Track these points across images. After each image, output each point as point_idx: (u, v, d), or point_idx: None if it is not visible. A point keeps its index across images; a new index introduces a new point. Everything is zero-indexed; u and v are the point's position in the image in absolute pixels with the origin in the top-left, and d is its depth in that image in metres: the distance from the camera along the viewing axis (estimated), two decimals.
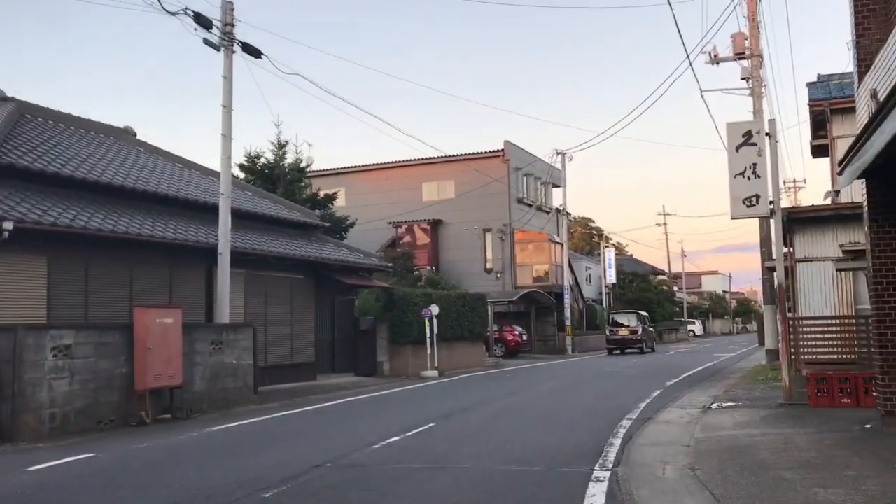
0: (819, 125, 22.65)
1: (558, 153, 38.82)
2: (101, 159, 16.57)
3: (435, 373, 21.97)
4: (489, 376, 22.72)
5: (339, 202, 43.20)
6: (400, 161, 42.76)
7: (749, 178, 12.54)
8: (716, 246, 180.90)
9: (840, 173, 9.73)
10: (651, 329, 41.71)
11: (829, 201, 18.94)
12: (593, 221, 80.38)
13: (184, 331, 13.57)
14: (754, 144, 12.57)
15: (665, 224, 72.26)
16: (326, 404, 15.15)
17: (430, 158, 40.99)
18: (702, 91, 29.18)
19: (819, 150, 23.47)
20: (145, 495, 7.00)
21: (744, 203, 12.53)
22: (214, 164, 17.46)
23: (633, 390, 16.92)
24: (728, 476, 7.28)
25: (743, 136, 12.63)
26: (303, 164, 27.13)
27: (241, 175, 26.40)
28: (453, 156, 40.41)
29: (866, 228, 9.75)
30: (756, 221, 26.17)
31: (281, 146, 26.79)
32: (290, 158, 27.00)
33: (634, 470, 7.97)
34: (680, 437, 10.17)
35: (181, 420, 12.80)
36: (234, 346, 14.82)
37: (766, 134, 12.61)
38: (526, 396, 16.24)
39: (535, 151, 44.76)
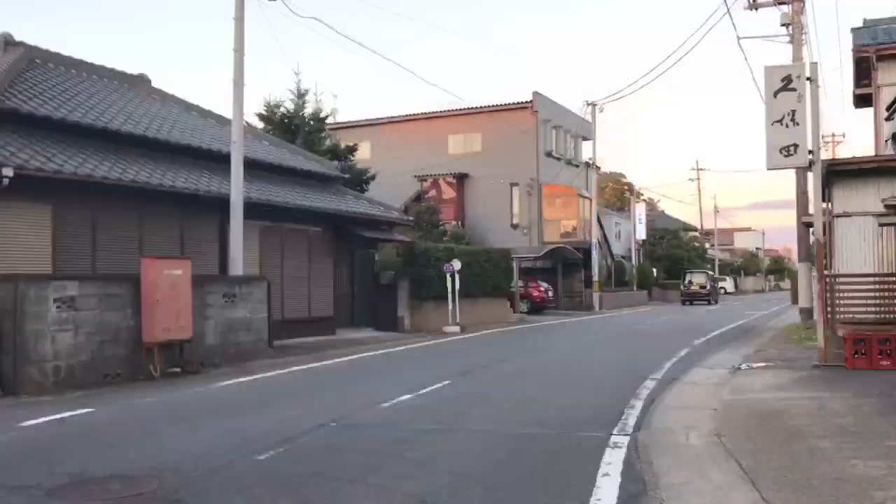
0: (863, 73, 21.51)
1: (589, 104, 37.68)
2: (112, 106, 16.12)
3: (457, 328, 21.55)
4: (512, 332, 22.26)
5: (364, 155, 42.62)
6: (425, 113, 41.94)
7: (787, 126, 11.73)
8: (750, 202, 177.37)
9: (889, 118, 8.94)
10: (716, 285, 48.82)
11: (889, 149, 17.92)
12: (625, 177, 78.82)
13: (194, 283, 13.19)
14: (794, 90, 11.72)
15: (698, 179, 70.64)
16: (342, 360, 14.79)
17: (457, 110, 40.12)
18: (739, 38, 27.81)
19: (862, 100, 22.34)
20: (129, 457, 6.61)
21: (781, 152, 11.74)
22: (221, 111, 16.99)
23: (660, 349, 16.34)
24: (757, 444, 6.74)
25: (782, 80, 11.78)
26: (323, 115, 26.51)
27: (260, 125, 25.82)
28: (480, 107, 39.50)
29: None
30: (792, 175, 25.13)
31: (300, 95, 26.14)
32: (310, 108, 26.40)
33: (656, 435, 7.45)
34: (706, 399, 9.62)
35: (191, 374, 12.49)
36: (248, 299, 14.45)
37: (807, 78, 11.75)
38: (547, 354, 15.76)
39: (566, 103, 43.63)
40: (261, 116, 25.96)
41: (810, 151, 11.74)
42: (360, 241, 19.58)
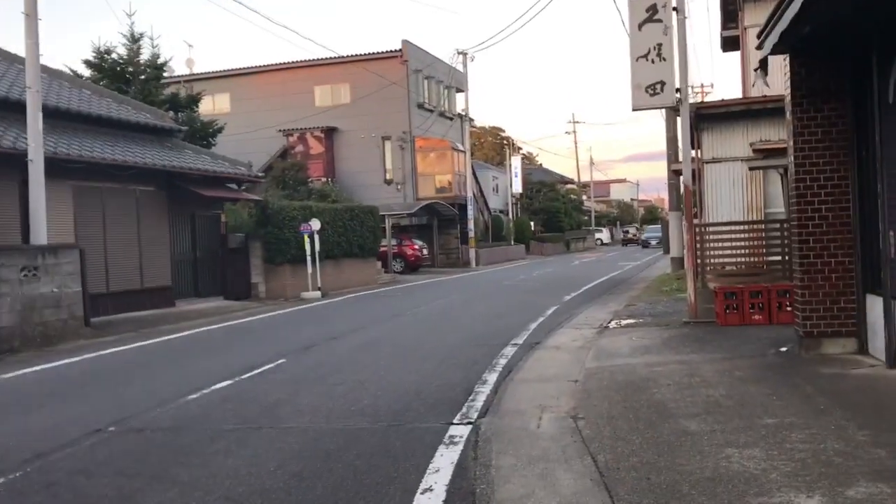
0: (730, 16, 21.05)
1: (459, 53, 36.34)
2: None
3: (317, 294, 19.95)
4: (379, 295, 20.88)
5: (224, 108, 39.93)
6: (290, 62, 39.60)
7: (653, 62, 10.70)
8: (625, 155, 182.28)
9: (760, 46, 7.93)
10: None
11: (757, 88, 17.39)
12: (504, 131, 78.32)
13: None
14: (660, 21, 10.69)
15: (574, 133, 71.21)
16: (172, 336, 12.99)
17: (323, 59, 38.02)
18: None
19: (729, 44, 21.96)
20: None
21: (646, 91, 10.73)
22: (45, 58, 14.39)
23: (528, 307, 15.37)
24: (618, 429, 5.61)
25: (647, 10, 10.72)
26: (161, 61, 23.87)
27: (87, 73, 22.99)
28: (348, 56, 37.45)
29: (788, 115, 8.06)
30: (663, 122, 24.77)
31: (135, 40, 23.31)
32: (146, 54, 23.70)
33: (503, 421, 6.23)
34: (568, 368, 8.53)
35: None
36: (55, 271, 12.37)
37: (674, 9, 10.73)
38: (407, 319, 14.46)
39: (438, 54, 42.15)
40: (88, 63, 23.06)
41: (678, 89, 10.76)
42: (201, 200, 17.53)
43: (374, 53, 38.06)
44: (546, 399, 6.96)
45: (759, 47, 7.96)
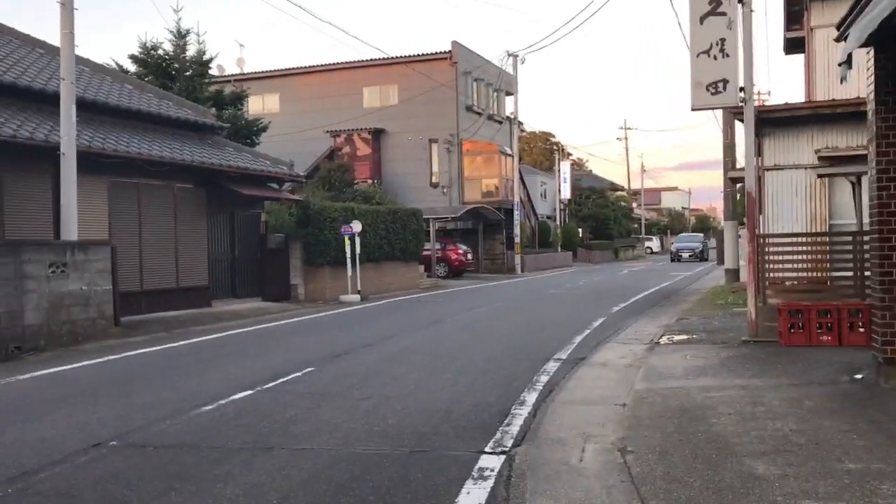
0: (794, 17, 19.97)
1: (510, 55, 35.62)
2: None
3: (356, 297, 19.43)
4: (419, 300, 20.28)
5: (273, 108, 39.85)
6: (339, 63, 39.27)
7: (715, 58, 9.87)
8: (677, 163, 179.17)
9: (841, 37, 7.11)
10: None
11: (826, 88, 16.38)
12: (553, 136, 77.20)
13: (6, 251, 10.83)
14: (723, 14, 9.85)
15: (626, 139, 69.87)
16: (203, 338, 12.56)
17: (372, 60, 37.62)
18: None
19: (793, 46, 20.86)
20: None
21: (708, 90, 9.89)
22: (88, 53, 14.15)
23: (574, 318, 14.61)
24: (673, 468, 4.89)
25: (710, 3, 9.89)
26: (206, 57, 23.62)
27: (133, 68, 22.87)
28: (397, 57, 36.93)
29: (870, 116, 7.20)
30: (718, 129, 23.74)
31: (181, 35, 23.12)
32: (192, 51, 23.50)
33: (541, 452, 5.54)
34: (615, 389, 7.79)
35: None
36: (85, 268, 12.04)
37: (739, 0, 9.88)
38: (447, 326, 13.82)
39: (487, 55, 41.51)
40: (134, 59, 22.95)
41: (741, 88, 9.92)
42: (241, 199, 17.15)
43: (423, 55, 37.55)
44: (590, 426, 6.26)
45: (841, 38, 7.13)
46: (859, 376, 7.48)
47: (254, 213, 18.48)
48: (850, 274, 10.03)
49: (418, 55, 37.52)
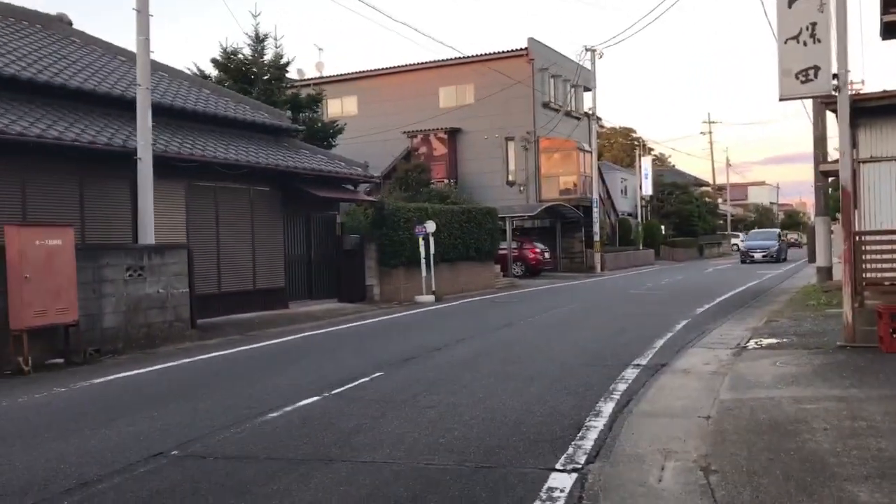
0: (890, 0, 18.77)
1: (588, 50, 34.85)
2: (14, 51, 13.70)
3: (431, 297, 19.25)
4: (494, 301, 19.95)
5: (351, 110, 40.20)
6: (415, 64, 39.27)
7: (805, 44, 9.22)
8: (764, 157, 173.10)
9: None
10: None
11: None
12: (634, 132, 75.59)
13: (86, 255, 10.99)
14: None
15: (710, 133, 67.71)
16: (277, 341, 12.55)
17: (448, 60, 37.44)
18: None
19: (891, 30, 19.59)
20: None
21: (797, 77, 9.25)
22: (172, 58, 14.43)
23: (654, 320, 14.03)
24: (762, 492, 4.45)
25: None
26: (283, 61, 23.83)
27: (214, 73, 23.28)
28: (472, 56, 36.68)
29: None
30: (807, 121, 22.57)
31: (259, 40, 23.41)
32: (269, 55, 23.78)
33: (616, 470, 5.16)
34: (698, 399, 7.30)
35: (77, 365, 10.32)
36: (161, 271, 12.19)
37: None
38: (520, 329, 13.45)
39: (564, 52, 40.80)
40: (215, 63, 23.36)
41: (835, 75, 9.22)
42: (316, 201, 17.18)
43: (498, 53, 37.17)
44: (670, 441, 5.83)
45: None
46: None
47: (329, 215, 18.51)
48: None
49: (494, 53, 37.18)
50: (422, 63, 38.99)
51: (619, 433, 6.13)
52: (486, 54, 37.10)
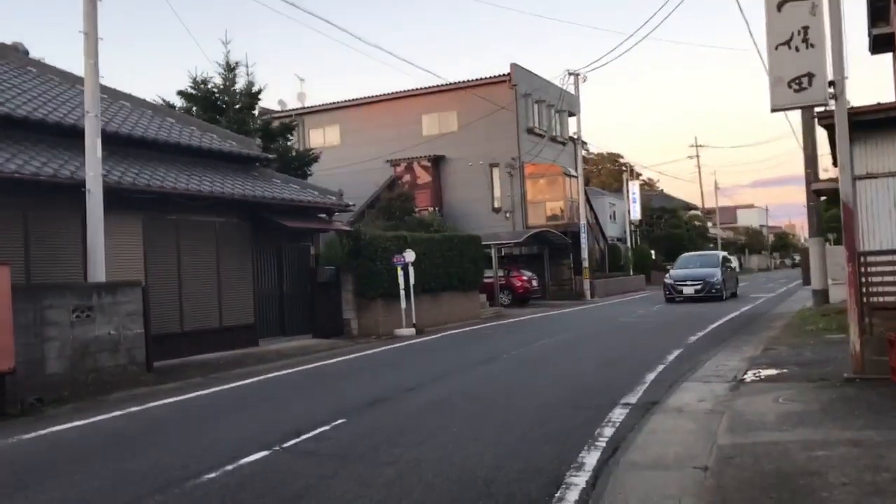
0: (880, 13, 18.24)
1: (571, 74, 34.35)
2: None
3: (411, 330, 18.36)
4: (478, 332, 19.06)
5: (333, 141, 39.55)
6: (397, 92, 38.68)
7: (797, 50, 8.51)
8: (752, 180, 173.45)
9: None
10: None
11: None
12: (622, 157, 75.25)
13: (26, 295, 10.12)
14: None
15: (697, 156, 67.34)
16: (239, 384, 11.63)
17: (430, 87, 36.92)
18: None
19: (880, 43, 19.06)
20: None
21: (790, 86, 8.53)
22: (145, 92, 13.68)
23: (645, 351, 13.20)
24: None
25: None
26: (255, 89, 23.14)
27: (179, 103, 22.55)
28: (455, 83, 36.12)
29: None
30: (795, 140, 21.96)
31: (230, 68, 22.72)
32: (241, 83, 23.07)
33: None
34: (694, 445, 6.45)
35: (12, 417, 9.37)
36: (113, 311, 11.30)
37: None
38: (502, 364, 12.58)
39: (547, 76, 40.34)
40: (182, 94, 22.63)
41: (831, 83, 8.50)
42: (289, 232, 16.34)
43: (481, 79, 36.64)
44: (663, 501, 5.02)
45: None
46: None
47: (303, 246, 17.65)
48: None
49: (476, 79, 36.66)
50: (404, 91, 38.43)
51: (604, 492, 5.27)
52: (468, 81, 36.59)
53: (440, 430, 7.55)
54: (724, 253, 31.11)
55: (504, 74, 36.26)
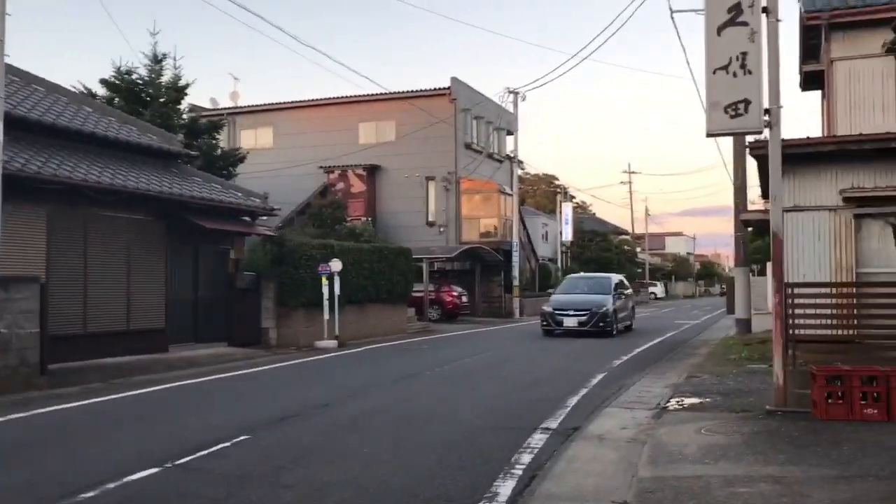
0: (811, 51, 18.63)
1: (510, 92, 34.39)
2: None
3: (333, 343, 17.77)
4: (403, 347, 18.60)
5: (266, 142, 38.70)
6: (335, 98, 38.09)
7: (735, 75, 8.39)
8: (681, 209, 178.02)
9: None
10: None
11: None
12: (557, 179, 76.08)
13: None
14: (745, 24, 8.40)
15: (630, 182, 68.59)
16: (143, 391, 10.93)
17: (369, 95, 36.42)
18: (672, 11, 24.22)
19: (811, 81, 19.47)
20: None
21: (727, 112, 8.38)
22: (63, 76, 12.77)
23: (570, 373, 12.97)
24: None
25: (729, 11, 8.44)
26: (182, 83, 22.28)
27: (102, 92, 21.53)
28: (395, 93, 35.72)
29: None
30: (725, 171, 22.29)
31: (157, 60, 21.83)
32: (168, 76, 22.18)
33: None
34: (614, 476, 6.15)
35: None
36: (6, 308, 10.50)
37: (763, 9, 8.44)
38: (424, 381, 12.17)
39: (487, 93, 40.27)
40: (105, 83, 21.60)
41: (767, 111, 8.40)
42: (208, 234, 15.61)
43: (421, 90, 36.37)
44: None
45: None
46: None
47: (222, 250, 16.90)
48: (884, 332, 8.41)
49: (417, 91, 36.35)
50: (342, 97, 37.87)
51: None
52: (408, 91, 36.24)
53: (351, 450, 7.09)
54: (620, 276, 26.25)
55: (445, 88, 36.06)
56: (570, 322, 21.11)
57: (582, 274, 30.28)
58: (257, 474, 6.18)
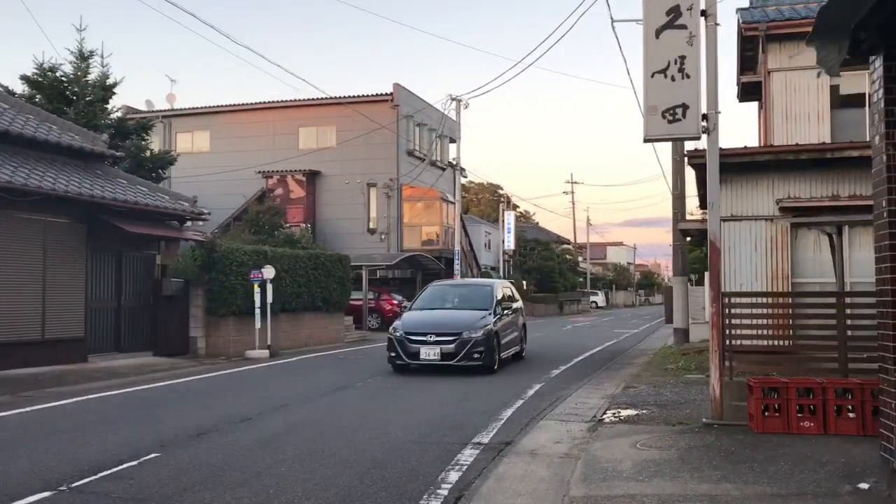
0: (749, 62, 18.82)
1: (453, 99, 34.08)
2: None
3: (265, 353, 17.15)
4: (337, 358, 18.05)
5: (203, 146, 37.74)
6: (274, 102, 37.35)
7: (673, 79, 8.19)
8: (623, 219, 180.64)
9: (813, 38, 5.36)
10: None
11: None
12: (502, 189, 76.24)
13: None
14: (683, 27, 8.22)
15: (572, 192, 69.06)
16: (53, 405, 10.25)
17: (310, 100, 35.88)
18: (613, 21, 24.41)
19: (748, 92, 19.66)
20: None
21: (664, 116, 8.18)
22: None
23: (504, 384, 12.65)
24: None
25: (667, 13, 8.25)
26: (110, 82, 21.37)
27: (23, 89, 20.53)
28: (336, 98, 35.18)
29: (877, 142, 5.52)
30: (668, 179, 22.37)
31: (84, 58, 20.90)
32: (95, 74, 21.23)
33: None
34: (544, 497, 5.83)
35: None
36: None
37: (702, 12, 8.27)
38: (355, 393, 11.70)
39: (430, 99, 40.07)
40: (26, 79, 20.60)
41: (704, 116, 8.23)
42: (132, 238, 14.86)
43: (363, 96, 35.89)
44: None
45: (812, 38, 5.38)
46: (865, 485, 5.62)
47: (148, 255, 16.15)
48: (832, 343, 8.29)
49: (358, 96, 35.89)
50: (282, 101, 37.16)
51: None
52: (350, 96, 35.75)
53: (268, 468, 6.61)
54: (505, 282, 18.69)
55: (387, 94, 35.67)
56: (428, 352, 14.17)
57: (452, 281, 23.47)
58: (160, 497, 5.67)
